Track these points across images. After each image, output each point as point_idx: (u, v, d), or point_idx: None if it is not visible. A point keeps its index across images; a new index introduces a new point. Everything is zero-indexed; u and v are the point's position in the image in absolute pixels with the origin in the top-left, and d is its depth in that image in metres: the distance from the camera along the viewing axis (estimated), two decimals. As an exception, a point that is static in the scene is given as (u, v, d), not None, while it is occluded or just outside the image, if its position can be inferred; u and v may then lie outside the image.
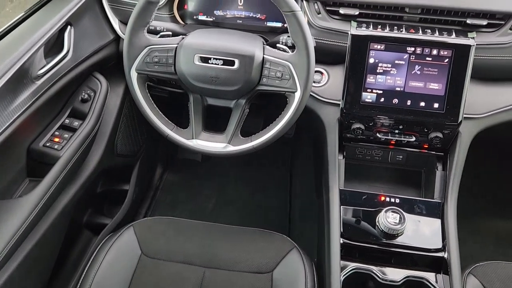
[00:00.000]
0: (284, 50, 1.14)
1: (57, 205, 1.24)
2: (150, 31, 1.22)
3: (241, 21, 1.38)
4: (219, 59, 1.10)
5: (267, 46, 1.14)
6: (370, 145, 1.33)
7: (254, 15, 1.36)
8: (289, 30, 1.07)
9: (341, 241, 1.15)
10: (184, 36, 1.16)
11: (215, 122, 1.27)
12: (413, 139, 1.25)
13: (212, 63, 1.10)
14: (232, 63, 1.10)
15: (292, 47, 1.10)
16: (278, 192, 2.03)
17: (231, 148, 1.17)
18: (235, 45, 1.12)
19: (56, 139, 1.27)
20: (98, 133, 1.40)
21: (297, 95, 1.09)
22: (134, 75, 1.15)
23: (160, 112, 1.19)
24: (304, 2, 1.25)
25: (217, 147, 1.17)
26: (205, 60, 1.11)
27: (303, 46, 1.06)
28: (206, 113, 1.22)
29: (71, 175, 1.29)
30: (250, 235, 1.26)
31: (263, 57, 1.11)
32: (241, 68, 1.10)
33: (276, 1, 1.04)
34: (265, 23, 1.36)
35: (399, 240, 1.16)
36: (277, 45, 1.16)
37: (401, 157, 1.35)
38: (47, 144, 1.25)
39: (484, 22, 1.17)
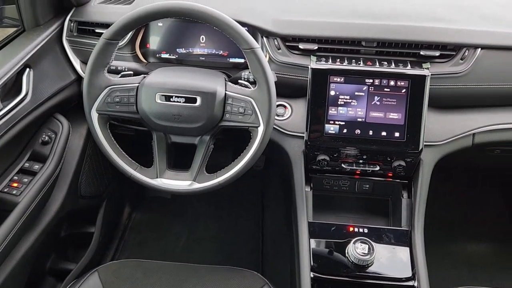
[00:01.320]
0: (246, 86, 1.15)
1: (15, 253, 1.18)
2: (111, 71, 1.21)
3: (204, 58, 1.39)
4: (181, 97, 1.10)
5: (229, 83, 1.15)
6: (336, 176, 1.34)
7: (217, 52, 1.38)
8: (249, 67, 1.08)
9: (312, 275, 1.14)
10: (145, 75, 1.16)
11: (181, 159, 1.26)
12: (377, 168, 1.26)
13: (174, 101, 1.10)
14: (194, 100, 1.10)
15: (254, 83, 1.12)
16: (250, 226, 2.00)
17: (197, 186, 1.15)
18: (196, 82, 1.12)
19: (15, 184, 1.22)
20: (60, 176, 1.36)
21: (260, 129, 1.10)
22: (95, 115, 1.13)
23: (123, 152, 1.17)
24: (264, 38, 1.28)
25: (182, 185, 1.15)
26: (166, 98, 1.10)
27: (263, 82, 1.07)
28: (171, 151, 1.20)
29: (31, 220, 1.24)
30: (220, 274, 1.23)
31: (225, 93, 1.12)
32: (204, 105, 1.10)
33: (235, 39, 1.06)
34: (228, 59, 1.38)
35: (370, 271, 1.15)
36: (239, 81, 1.17)
37: (367, 186, 1.36)
38: (5, 190, 1.21)
39: (437, 53, 1.22)
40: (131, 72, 1.19)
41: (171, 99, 1.10)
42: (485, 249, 1.95)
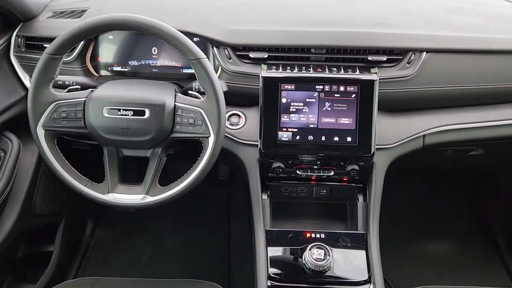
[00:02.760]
0: (195, 97, 1.15)
1: None
2: (58, 86, 1.18)
3: (157, 70, 1.38)
4: (129, 109, 1.09)
5: (179, 94, 1.15)
6: (293, 182, 1.35)
7: (170, 64, 1.37)
8: (197, 77, 1.08)
9: (269, 284, 1.14)
10: (93, 89, 1.14)
11: (135, 172, 1.25)
12: (332, 173, 1.28)
13: (122, 115, 1.09)
14: (142, 113, 1.09)
15: (204, 93, 1.11)
16: (216, 237, 1.99)
17: (150, 199, 1.14)
18: (145, 94, 1.11)
19: (-39, 206, 1.18)
20: (11, 195, 1.32)
21: (211, 140, 1.10)
22: (41, 132, 1.10)
23: (73, 168, 1.15)
24: (215, 48, 1.28)
25: (135, 199, 1.14)
26: (114, 112, 1.09)
27: (211, 92, 1.07)
28: (123, 165, 1.19)
29: None
30: (179, 287, 1.21)
31: (175, 104, 1.11)
32: (153, 117, 1.09)
33: (181, 50, 1.06)
34: (181, 70, 1.38)
35: (327, 276, 1.15)
36: (189, 91, 1.17)
37: (324, 191, 1.37)
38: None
39: (384, 58, 1.25)
40: (79, 87, 1.17)
41: (119, 113, 1.09)
42: (448, 248, 2.00)
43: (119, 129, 1.09)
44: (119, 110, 1.09)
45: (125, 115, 1.09)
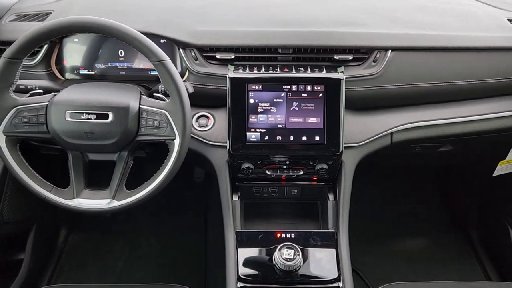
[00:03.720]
0: (161, 99, 1.14)
1: None
2: (20, 91, 1.16)
3: (124, 72, 1.36)
4: (92, 113, 1.07)
5: (144, 96, 1.14)
6: (265, 183, 1.34)
7: (137, 66, 1.36)
8: (160, 79, 1.07)
9: (239, 285, 1.13)
10: (56, 93, 1.12)
11: (103, 177, 1.23)
12: (301, 172, 1.28)
13: (84, 118, 1.07)
14: (106, 116, 1.07)
15: (169, 95, 1.10)
16: (194, 239, 1.97)
17: (115, 204, 1.12)
18: (108, 97, 1.10)
19: None
20: None
21: (177, 142, 1.09)
22: (2, 138, 1.08)
23: (36, 174, 1.13)
24: (181, 50, 1.27)
25: (101, 204, 1.12)
26: (77, 115, 1.07)
27: (175, 94, 1.06)
28: (88, 169, 1.17)
29: None
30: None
31: (139, 107, 1.10)
32: (116, 120, 1.07)
33: (143, 52, 1.05)
34: (149, 72, 1.36)
35: (298, 275, 1.16)
36: (154, 94, 1.16)
37: (296, 191, 1.38)
38: None
39: (350, 57, 1.25)
40: (41, 91, 1.15)
41: (82, 117, 1.07)
42: (424, 243, 2.02)
43: (83, 133, 1.08)
44: (82, 114, 1.07)
45: (88, 118, 1.07)
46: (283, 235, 1.23)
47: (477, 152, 1.60)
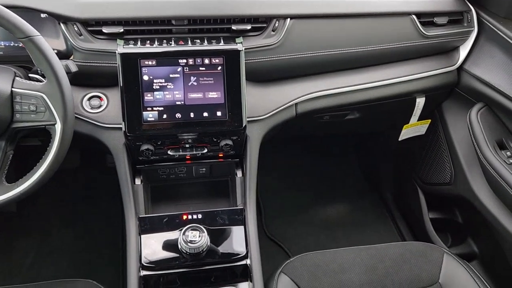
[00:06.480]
0: (38, 80, 1.02)
1: None
2: None
3: (2, 53, 1.22)
4: None
5: (18, 78, 1.01)
6: (169, 164, 1.28)
7: (16, 44, 1.21)
8: (32, 58, 0.96)
9: (142, 274, 1.07)
10: None
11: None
12: (206, 150, 1.22)
13: None
14: (-30, 103, 0.95)
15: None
16: (111, 229, 1.87)
17: (-7, 199, 1.01)
18: None
19: None
20: None
21: (58, 127, 0.99)
22: None
23: None
24: (62, 24, 1.14)
25: None
26: None
27: (50, 73, 0.96)
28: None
29: None
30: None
31: (12, 90, 0.98)
32: (-16, 107, 0.95)
33: (7, 28, 0.92)
34: (30, 51, 1.22)
35: (206, 257, 1.12)
36: (30, 75, 1.04)
37: (204, 169, 1.33)
38: None
39: (248, 27, 1.20)
40: None
41: None
42: (343, 209, 2.07)
43: None
44: None
45: (-50, 107, 0.94)
46: (190, 217, 1.18)
47: (383, 117, 1.64)
